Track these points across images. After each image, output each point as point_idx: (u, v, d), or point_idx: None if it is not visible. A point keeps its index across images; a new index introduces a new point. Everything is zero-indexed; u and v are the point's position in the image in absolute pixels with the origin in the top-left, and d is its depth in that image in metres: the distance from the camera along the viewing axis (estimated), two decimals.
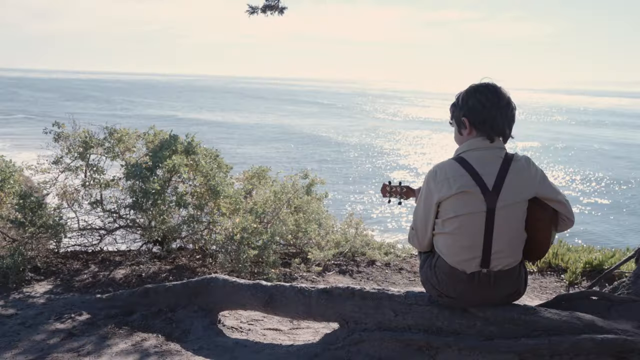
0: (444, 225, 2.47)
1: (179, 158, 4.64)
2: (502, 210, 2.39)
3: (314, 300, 2.99)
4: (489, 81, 2.50)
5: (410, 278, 5.00)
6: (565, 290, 4.80)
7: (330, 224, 5.68)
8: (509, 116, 2.48)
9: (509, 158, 2.46)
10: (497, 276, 2.43)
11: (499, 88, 2.47)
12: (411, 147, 34.02)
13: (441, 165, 2.51)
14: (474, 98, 2.47)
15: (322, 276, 4.81)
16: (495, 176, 2.41)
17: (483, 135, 2.48)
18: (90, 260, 4.82)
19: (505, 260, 2.42)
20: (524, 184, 2.43)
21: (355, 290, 2.89)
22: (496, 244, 2.39)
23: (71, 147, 4.80)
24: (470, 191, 2.39)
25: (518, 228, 2.44)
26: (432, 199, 2.48)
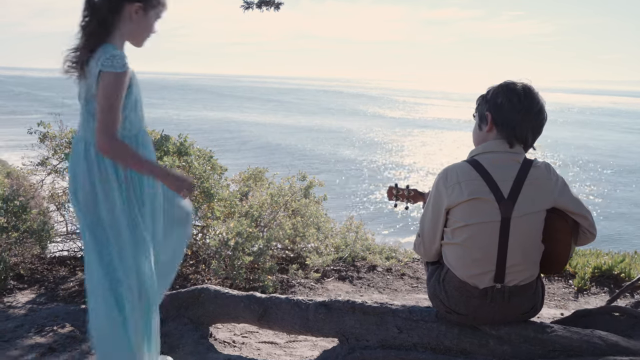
0: (453, 234, 2.25)
1: (170, 159, 4.42)
2: (518, 220, 2.18)
3: (311, 314, 2.77)
4: (527, 82, 2.29)
5: (412, 284, 4.79)
6: (574, 297, 4.60)
7: (329, 227, 5.46)
8: (536, 125, 2.27)
9: (528, 164, 2.25)
10: (512, 292, 2.22)
11: (536, 93, 2.26)
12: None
13: (452, 167, 2.30)
14: (504, 96, 2.25)
15: (320, 283, 4.59)
16: (511, 183, 2.20)
17: (503, 138, 2.27)
18: (78, 267, 4.59)
19: (521, 275, 2.21)
20: (542, 193, 2.22)
21: (356, 304, 2.68)
22: (511, 257, 2.18)
23: (57, 147, 4.58)
24: (483, 198, 2.18)
25: (535, 240, 2.23)
26: (441, 205, 2.27)
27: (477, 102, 2.44)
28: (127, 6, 2.13)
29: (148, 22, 2.21)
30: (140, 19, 2.17)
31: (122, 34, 2.17)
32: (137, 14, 2.16)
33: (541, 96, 2.29)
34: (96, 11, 2.12)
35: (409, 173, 24.47)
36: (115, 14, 2.13)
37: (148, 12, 2.19)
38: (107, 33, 2.13)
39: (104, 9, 2.11)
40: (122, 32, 2.17)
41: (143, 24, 2.20)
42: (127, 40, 2.22)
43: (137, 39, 2.24)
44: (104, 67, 2.04)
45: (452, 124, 48.62)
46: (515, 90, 2.26)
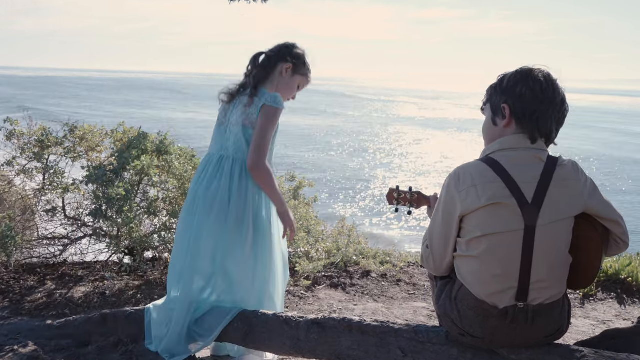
0: (468, 246, 1.94)
1: (148, 159, 4.07)
2: (544, 229, 1.87)
3: (302, 334, 2.45)
4: (546, 69, 1.99)
5: (409, 291, 4.48)
6: (580, 303, 4.32)
7: (320, 230, 5.13)
8: (560, 117, 1.99)
9: (553, 162, 1.94)
10: (537, 312, 1.91)
11: (557, 81, 1.97)
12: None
13: (465, 167, 1.98)
14: (525, 85, 1.95)
15: (311, 291, 4.27)
16: (535, 185, 1.89)
17: (524, 133, 1.96)
18: (48, 275, 4.23)
19: (547, 292, 1.90)
20: (571, 196, 1.91)
21: (353, 322, 2.35)
22: (536, 272, 1.87)
23: (25, 146, 4.22)
24: (504, 203, 1.87)
25: (563, 251, 1.92)
26: (454, 212, 1.95)
27: (487, 93, 2.13)
28: (281, 64, 2.70)
29: (292, 82, 2.75)
30: (288, 77, 2.72)
31: (273, 86, 2.69)
32: (287, 72, 2.71)
33: (561, 86, 2.00)
34: (257, 64, 2.71)
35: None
36: (272, 68, 2.69)
37: (295, 75, 2.74)
38: (264, 81, 2.67)
39: (265, 63, 2.70)
40: (273, 84, 2.69)
41: (289, 82, 2.74)
42: (274, 91, 2.67)
43: (280, 94, 2.65)
44: (267, 102, 2.56)
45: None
46: (537, 77, 1.97)
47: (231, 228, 2.56)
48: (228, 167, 2.60)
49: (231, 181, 2.57)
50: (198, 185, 2.66)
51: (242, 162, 2.59)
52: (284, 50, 2.73)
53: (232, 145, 2.62)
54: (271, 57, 2.71)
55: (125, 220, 3.96)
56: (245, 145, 2.58)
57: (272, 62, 2.70)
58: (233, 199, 2.56)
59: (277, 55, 2.72)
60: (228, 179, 2.57)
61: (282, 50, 2.73)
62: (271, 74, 2.69)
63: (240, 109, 2.62)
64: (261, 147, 2.50)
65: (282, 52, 2.72)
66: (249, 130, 2.57)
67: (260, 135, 2.51)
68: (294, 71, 2.73)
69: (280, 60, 2.70)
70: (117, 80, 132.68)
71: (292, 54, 2.73)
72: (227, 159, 2.62)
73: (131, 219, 3.97)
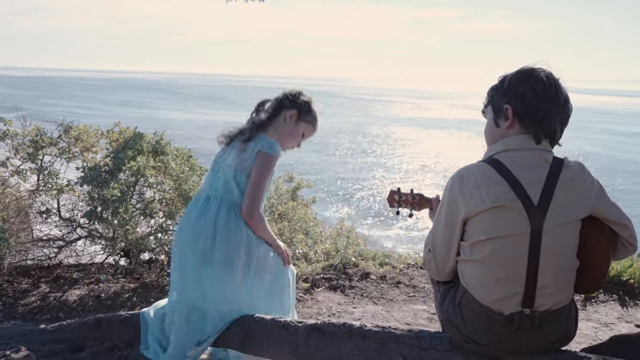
0: (472, 250, 1.88)
1: (144, 159, 4.01)
2: (551, 232, 1.81)
3: (301, 339, 2.38)
4: (547, 68, 1.93)
5: (409, 294, 4.42)
6: (582, 305, 4.27)
7: (318, 232, 5.07)
8: (564, 116, 1.93)
9: (558, 163, 1.88)
10: (543, 318, 1.85)
11: (559, 80, 1.91)
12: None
13: (468, 169, 1.92)
14: (526, 84, 1.89)
15: (310, 293, 4.21)
16: (541, 187, 1.83)
17: (528, 133, 1.91)
18: (42, 278, 4.17)
19: (554, 298, 1.84)
20: (577, 199, 1.85)
21: (354, 327, 2.29)
22: (543, 277, 1.81)
23: (19, 147, 4.15)
24: (509, 206, 1.81)
25: (570, 255, 1.86)
26: (457, 215, 1.89)
27: (488, 94, 2.07)
28: (285, 111, 2.65)
29: (297, 130, 2.68)
30: (292, 124, 2.66)
31: (276, 132, 2.63)
32: (292, 119, 2.65)
33: (564, 85, 1.95)
34: (262, 110, 2.67)
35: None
36: (275, 114, 2.65)
37: (299, 122, 2.67)
38: (266, 127, 2.62)
39: (269, 109, 2.66)
40: (276, 130, 2.63)
41: (292, 130, 2.67)
42: (276, 138, 2.60)
43: (283, 141, 2.64)
44: (263, 148, 2.49)
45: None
46: (538, 77, 1.91)
47: (217, 264, 2.50)
48: (215, 205, 2.54)
49: (217, 217, 2.51)
50: (186, 220, 2.62)
51: (229, 203, 2.53)
52: (290, 97, 2.69)
53: (221, 186, 2.56)
54: (276, 104, 2.68)
55: (120, 222, 3.90)
56: (236, 188, 2.53)
57: (277, 109, 2.67)
58: (219, 234, 2.49)
59: (282, 101, 2.68)
60: (214, 216, 2.51)
61: (287, 97, 2.69)
62: (274, 120, 2.65)
63: (235, 152, 2.57)
64: (256, 197, 2.47)
65: (287, 99, 2.68)
66: (242, 175, 2.52)
67: (256, 184, 2.47)
68: (299, 118, 2.67)
69: (285, 107, 2.66)
70: (115, 81, 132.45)
71: (298, 101, 2.68)
72: (215, 198, 2.56)
73: (127, 221, 3.90)
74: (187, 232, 2.57)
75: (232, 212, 2.52)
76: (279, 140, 2.62)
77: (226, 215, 2.50)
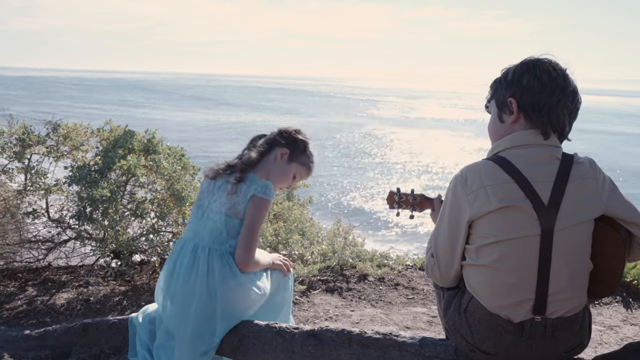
0: (478, 254, 1.76)
1: (135, 158, 3.88)
2: (563, 233, 1.69)
3: (297, 347, 2.26)
4: (553, 58, 1.82)
5: (408, 296, 4.31)
6: None
7: (314, 232, 4.95)
8: (573, 109, 1.81)
9: (568, 160, 1.77)
10: (556, 326, 1.73)
11: (566, 70, 1.80)
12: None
13: (473, 168, 1.80)
14: (532, 75, 1.78)
15: (306, 296, 4.09)
16: (551, 185, 1.72)
17: (535, 128, 1.79)
18: (29, 281, 4.04)
19: (567, 304, 1.73)
20: (590, 197, 1.74)
21: (353, 334, 2.17)
22: (555, 282, 1.69)
23: (6, 145, 4.02)
24: (517, 206, 1.69)
25: (583, 258, 1.74)
26: (462, 217, 1.77)
27: (491, 88, 1.96)
28: (277, 149, 2.48)
29: (288, 170, 2.50)
30: (283, 163, 2.49)
31: (265, 172, 2.45)
32: (282, 158, 2.48)
33: (572, 75, 1.83)
34: (255, 146, 2.49)
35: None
36: (267, 152, 2.47)
37: (291, 162, 2.50)
38: (256, 165, 2.43)
39: (261, 146, 2.48)
40: (266, 170, 2.45)
41: (284, 170, 2.49)
42: (266, 177, 2.43)
43: (273, 181, 2.44)
44: (257, 192, 2.32)
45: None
46: (544, 67, 1.80)
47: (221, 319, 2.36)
48: (204, 260, 2.34)
49: (209, 277, 2.31)
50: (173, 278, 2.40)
51: (221, 254, 2.35)
52: (284, 134, 2.52)
53: (208, 234, 2.38)
54: (269, 141, 2.51)
55: (110, 223, 3.77)
56: (225, 235, 2.36)
57: (269, 146, 2.50)
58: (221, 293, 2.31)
59: (275, 139, 2.52)
60: (205, 276, 2.31)
61: (281, 135, 2.52)
62: (265, 158, 2.48)
63: (223, 196, 2.38)
64: (251, 245, 2.33)
65: (281, 137, 2.52)
66: (233, 220, 2.35)
67: (250, 231, 2.32)
68: (291, 158, 2.50)
69: (278, 145, 2.49)
70: (110, 81, 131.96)
71: (292, 140, 2.52)
72: (203, 249, 2.37)
73: (117, 222, 3.78)
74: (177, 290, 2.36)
75: (225, 265, 2.34)
76: (269, 180, 2.45)
77: (220, 270, 2.32)
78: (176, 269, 2.40)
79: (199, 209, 2.45)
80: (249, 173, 2.40)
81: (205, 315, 2.31)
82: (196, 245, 2.38)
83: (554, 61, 1.82)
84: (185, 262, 2.37)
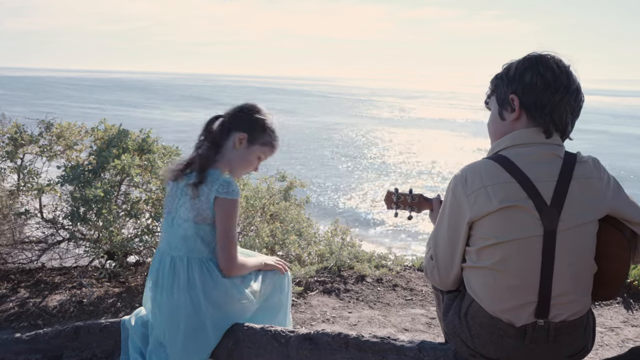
0: (479, 256, 1.71)
1: (129, 158, 3.82)
2: (566, 234, 1.64)
3: (293, 351, 2.21)
4: (557, 55, 1.76)
5: (406, 297, 4.25)
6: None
7: (312, 233, 4.90)
8: (576, 107, 1.76)
9: (571, 158, 1.72)
10: (559, 330, 1.68)
11: (570, 67, 1.74)
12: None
13: (473, 167, 1.75)
14: (534, 72, 1.73)
15: (303, 297, 4.04)
16: (554, 185, 1.67)
17: (537, 126, 1.74)
18: (22, 282, 3.97)
19: (571, 307, 1.67)
20: (594, 197, 1.69)
21: (350, 338, 2.12)
22: (558, 284, 1.64)
23: None
24: (519, 206, 1.64)
25: (587, 259, 1.69)
26: (462, 218, 1.72)
27: (491, 84, 1.90)
28: (234, 134, 2.26)
29: (250, 155, 2.31)
30: (243, 149, 2.28)
31: (226, 161, 2.28)
32: (241, 144, 2.27)
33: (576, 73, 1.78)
34: (210, 134, 2.28)
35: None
36: (224, 139, 2.26)
37: (251, 146, 2.29)
38: (214, 158, 2.24)
39: (217, 132, 2.27)
40: (227, 160, 2.27)
41: (244, 156, 2.30)
42: (228, 169, 2.30)
43: (236, 169, 2.32)
44: (220, 193, 2.16)
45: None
46: (548, 64, 1.75)
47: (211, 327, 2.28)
48: (184, 272, 2.24)
49: (190, 289, 2.21)
50: (158, 289, 2.31)
51: (199, 262, 2.24)
52: (239, 115, 2.31)
53: (182, 244, 2.25)
54: (224, 125, 2.30)
55: (104, 223, 3.71)
56: (200, 242, 2.24)
57: (225, 131, 2.28)
58: (207, 303, 2.23)
59: (231, 122, 2.30)
60: (186, 289, 2.22)
61: (236, 116, 2.31)
62: (223, 146, 2.27)
63: (188, 201, 2.23)
64: (231, 250, 2.21)
65: (236, 119, 2.30)
66: (203, 227, 2.22)
67: (226, 237, 2.19)
68: (251, 142, 2.29)
69: (235, 129, 2.28)
70: (109, 81, 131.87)
71: (249, 121, 2.30)
72: (181, 260, 2.25)
73: (111, 222, 3.72)
74: (163, 303, 2.28)
75: (206, 273, 2.24)
76: (231, 171, 2.31)
77: (201, 280, 2.22)
78: (159, 280, 2.31)
79: (169, 214, 2.32)
80: (209, 170, 2.23)
81: (193, 329, 2.24)
82: (173, 258, 2.27)
83: (558, 57, 1.77)
84: (166, 275, 2.28)
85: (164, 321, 2.28)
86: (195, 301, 2.22)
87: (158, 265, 2.33)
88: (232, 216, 2.20)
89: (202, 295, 2.22)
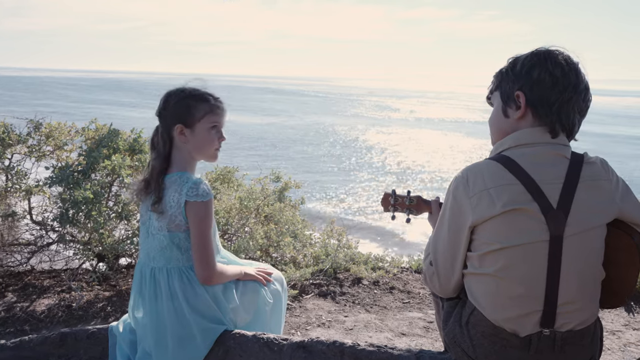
0: (482, 262, 1.62)
1: (119, 158, 3.72)
2: (573, 239, 1.55)
3: (286, 359, 2.12)
4: (566, 51, 1.67)
5: (403, 300, 4.17)
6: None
7: (307, 235, 4.80)
8: (584, 107, 1.68)
9: (578, 159, 1.63)
10: (566, 340, 1.59)
11: (578, 65, 1.66)
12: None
13: (475, 168, 1.65)
14: (543, 68, 1.64)
15: (298, 301, 3.94)
16: (560, 187, 1.58)
17: (543, 125, 1.65)
18: (10, 286, 3.87)
19: (578, 316, 1.59)
20: (602, 199, 1.60)
21: (345, 347, 2.03)
22: (565, 292, 1.55)
23: None
24: (524, 209, 1.55)
25: (595, 266, 1.61)
26: (463, 222, 1.63)
27: (495, 78, 1.80)
28: (173, 131, 2.12)
29: (200, 136, 2.13)
30: (191, 137, 2.12)
31: (183, 160, 2.14)
32: (184, 134, 2.12)
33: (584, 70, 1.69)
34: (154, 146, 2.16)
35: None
36: (168, 143, 2.13)
37: (194, 128, 2.12)
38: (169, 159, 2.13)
39: (159, 141, 2.14)
40: (182, 158, 2.14)
41: (197, 141, 2.13)
42: (196, 159, 2.19)
43: (202, 155, 2.19)
44: (189, 197, 2.04)
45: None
46: (557, 60, 1.65)
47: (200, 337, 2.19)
48: (165, 283, 2.16)
49: (174, 300, 2.14)
50: (142, 300, 2.24)
51: (179, 272, 2.16)
52: (164, 113, 2.15)
53: (159, 255, 2.16)
54: (159, 130, 2.16)
55: (94, 225, 3.61)
56: (177, 251, 2.14)
57: (165, 135, 2.14)
58: (185, 318, 2.14)
59: (162, 124, 2.16)
60: (170, 301, 2.14)
61: (162, 115, 2.16)
62: (173, 149, 2.14)
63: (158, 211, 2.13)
64: (208, 257, 2.09)
65: (164, 118, 2.15)
66: (178, 234, 2.11)
67: (201, 243, 2.07)
68: (189, 125, 2.12)
69: (170, 127, 2.13)
70: (107, 80, 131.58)
71: (173, 111, 2.13)
72: (160, 271, 2.17)
73: (101, 224, 3.62)
74: (147, 317, 2.21)
75: (186, 283, 2.15)
76: (199, 157, 2.19)
77: (182, 290, 2.14)
78: (142, 292, 2.24)
79: (143, 225, 2.21)
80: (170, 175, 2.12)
81: (180, 339, 2.15)
82: (153, 270, 2.19)
83: (566, 54, 1.68)
84: (148, 288, 2.19)
85: (150, 332, 2.20)
86: (179, 310, 2.14)
87: (140, 277, 2.25)
88: (206, 220, 2.07)
89: (184, 304, 2.14)
